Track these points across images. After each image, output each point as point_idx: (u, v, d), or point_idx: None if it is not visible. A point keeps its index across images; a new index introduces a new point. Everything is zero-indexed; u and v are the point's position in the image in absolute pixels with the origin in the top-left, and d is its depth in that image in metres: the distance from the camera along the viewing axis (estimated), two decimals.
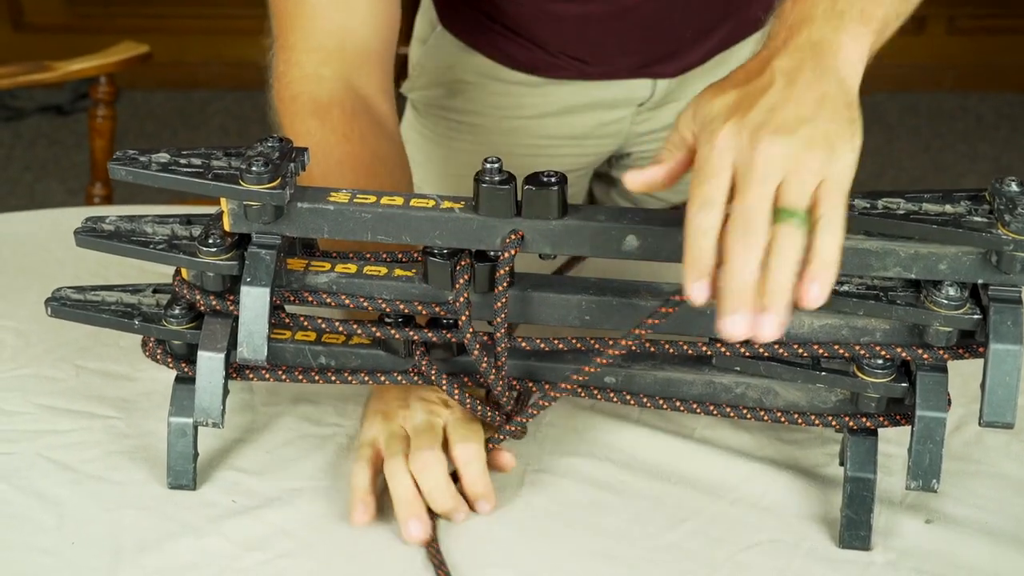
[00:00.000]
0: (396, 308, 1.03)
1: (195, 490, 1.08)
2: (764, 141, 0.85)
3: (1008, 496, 1.08)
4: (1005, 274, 0.96)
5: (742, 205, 0.85)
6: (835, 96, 0.88)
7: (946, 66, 3.59)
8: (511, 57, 1.48)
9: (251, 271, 1.01)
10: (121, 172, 1.02)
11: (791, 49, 0.89)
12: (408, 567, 1.01)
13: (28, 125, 3.42)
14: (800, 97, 0.87)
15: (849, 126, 0.88)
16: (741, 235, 0.85)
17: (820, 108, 0.87)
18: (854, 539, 1.02)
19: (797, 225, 0.85)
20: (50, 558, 1.02)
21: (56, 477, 1.09)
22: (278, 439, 1.14)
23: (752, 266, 0.85)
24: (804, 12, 0.91)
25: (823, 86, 0.88)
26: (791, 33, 0.90)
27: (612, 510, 1.06)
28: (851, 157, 0.87)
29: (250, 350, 1.02)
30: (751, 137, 0.86)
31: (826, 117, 0.87)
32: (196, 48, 3.58)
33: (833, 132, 0.86)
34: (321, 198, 1.02)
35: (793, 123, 0.86)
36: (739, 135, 0.86)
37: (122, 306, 1.09)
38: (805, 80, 0.88)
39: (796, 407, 1.05)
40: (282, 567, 1.01)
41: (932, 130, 3.46)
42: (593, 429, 1.14)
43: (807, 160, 0.85)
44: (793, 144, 0.85)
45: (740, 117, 0.86)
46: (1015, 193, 0.96)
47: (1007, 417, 0.96)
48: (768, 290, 0.86)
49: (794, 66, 0.88)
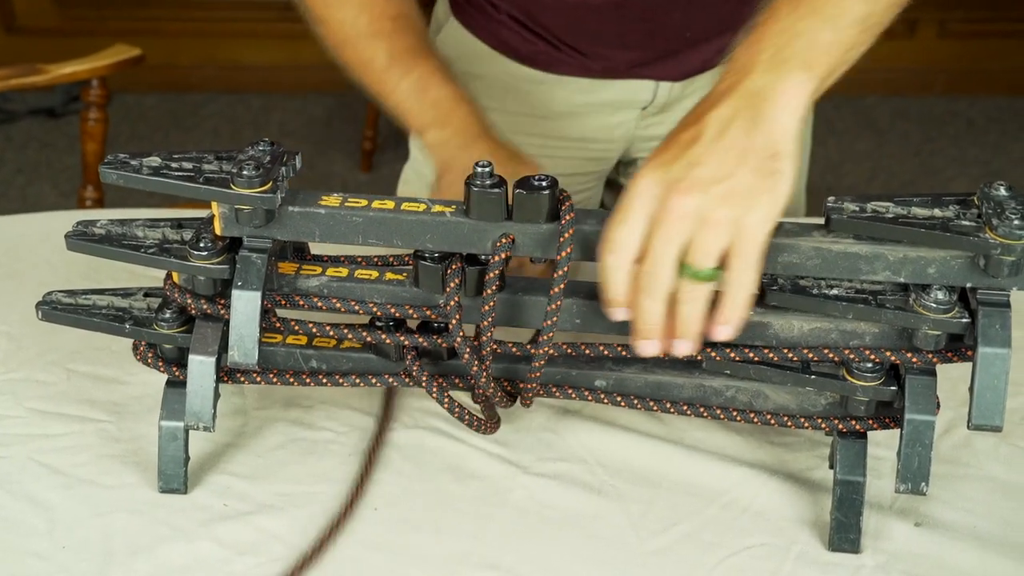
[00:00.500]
0: (387, 312, 1.03)
1: (186, 494, 1.08)
2: (675, 199, 0.90)
3: (997, 499, 1.09)
4: (993, 278, 0.96)
5: (646, 262, 0.92)
6: (760, 149, 0.91)
7: (937, 70, 3.60)
8: (514, 49, 1.49)
9: (242, 275, 1.01)
10: (112, 176, 1.02)
11: (731, 98, 0.93)
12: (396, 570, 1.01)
13: (20, 128, 3.42)
14: (722, 154, 0.90)
15: (769, 178, 0.91)
16: (644, 289, 0.93)
17: (740, 164, 0.90)
18: (844, 542, 1.03)
19: (703, 280, 0.92)
20: (41, 562, 1.02)
21: (47, 481, 1.09)
22: (270, 443, 1.14)
23: (654, 316, 0.93)
24: (751, 58, 0.94)
25: (750, 139, 0.91)
26: (737, 79, 0.94)
27: (603, 515, 1.07)
28: (768, 210, 0.91)
29: (241, 354, 1.02)
30: (666, 192, 0.90)
31: (745, 172, 0.90)
32: (188, 51, 3.58)
33: (750, 187, 0.90)
34: (312, 202, 1.02)
35: (708, 181, 0.90)
36: (657, 186, 0.90)
37: (113, 310, 1.09)
38: (732, 135, 0.91)
39: (786, 410, 1.05)
40: (273, 572, 1.01)
41: (922, 134, 3.46)
42: (583, 434, 1.15)
43: (716, 219, 0.90)
44: (704, 203, 0.89)
45: (663, 170, 0.91)
46: (1003, 197, 0.97)
47: (995, 420, 0.97)
48: (677, 326, 0.94)
49: (728, 117, 0.92)
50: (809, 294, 0.99)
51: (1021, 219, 0.94)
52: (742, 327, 0.96)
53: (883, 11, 0.98)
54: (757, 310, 1.01)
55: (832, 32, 0.95)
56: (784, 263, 0.98)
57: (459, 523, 1.05)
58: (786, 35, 0.94)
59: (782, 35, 0.94)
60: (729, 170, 0.90)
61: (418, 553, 1.03)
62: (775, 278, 1.00)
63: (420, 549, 1.03)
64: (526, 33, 1.47)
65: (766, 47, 0.94)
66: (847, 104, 3.52)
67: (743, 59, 0.95)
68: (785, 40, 0.94)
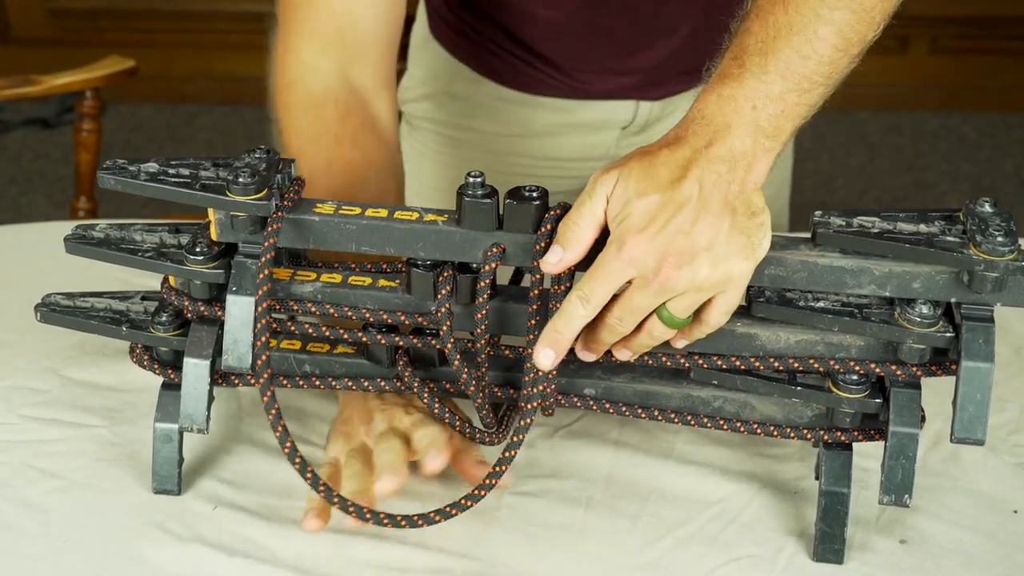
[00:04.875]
0: (379, 318, 1.04)
1: (180, 495, 1.09)
2: (670, 272, 0.93)
3: (983, 512, 1.09)
4: (977, 293, 0.97)
5: (622, 310, 0.96)
6: (742, 212, 0.94)
7: (929, 86, 3.61)
8: (493, 70, 1.49)
9: (237, 280, 1.03)
10: (110, 181, 1.03)
11: (711, 158, 0.94)
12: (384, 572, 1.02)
13: (13, 138, 3.42)
14: (707, 221, 0.93)
15: (755, 234, 0.95)
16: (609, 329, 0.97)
17: (729, 227, 0.94)
18: (828, 552, 1.03)
19: (676, 327, 0.97)
20: (37, 564, 1.02)
21: (43, 485, 1.10)
22: (264, 451, 1.15)
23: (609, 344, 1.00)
24: (727, 117, 0.96)
25: (733, 204, 0.94)
26: (714, 139, 0.95)
27: (592, 529, 1.07)
28: (751, 264, 0.95)
29: (235, 358, 1.03)
30: (657, 260, 0.93)
31: (734, 234, 0.94)
32: (183, 62, 3.59)
33: (738, 247, 0.94)
34: (307, 209, 1.03)
35: (700, 249, 0.93)
36: (648, 254, 0.93)
37: (110, 312, 1.10)
38: (716, 196, 0.94)
39: (772, 420, 1.06)
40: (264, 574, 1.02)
41: (914, 149, 3.48)
42: (572, 450, 1.15)
43: (705, 284, 0.94)
44: (696, 273, 0.93)
45: (654, 235, 0.93)
46: (988, 214, 0.97)
47: (978, 434, 0.97)
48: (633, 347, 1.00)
49: (713, 178, 0.94)
50: (796, 306, 1.00)
51: (1004, 236, 0.95)
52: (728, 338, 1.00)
53: (843, 69, 1.00)
54: (744, 321, 1.02)
55: (798, 95, 0.97)
56: (771, 275, 0.99)
57: (446, 542, 1.05)
58: (760, 96, 0.96)
59: (756, 95, 0.96)
60: (718, 235, 0.93)
61: (402, 567, 1.03)
62: (762, 290, 1.01)
63: (406, 562, 1.03)
64: (505, 54, 1.46)
65: (742, 107, 0.95)
66: (839, 119, 3.53)
67: (720, 117, 0.96)
68: (760, 102, 0.96)
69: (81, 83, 2.05)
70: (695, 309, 0.96)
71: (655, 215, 0.93)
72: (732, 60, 0.97)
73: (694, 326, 0.98)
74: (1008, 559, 1.05)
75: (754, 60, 0.96)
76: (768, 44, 0.96)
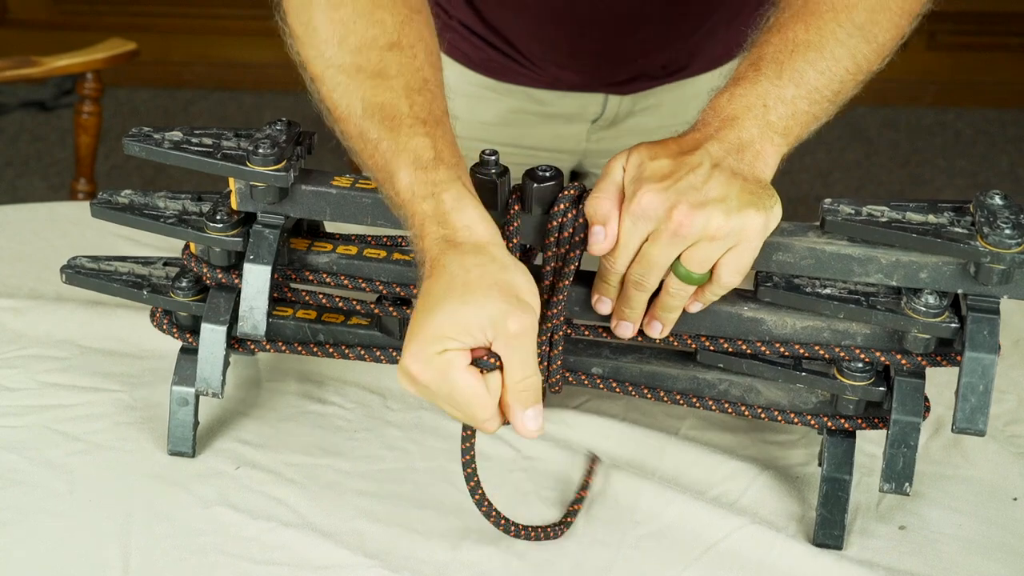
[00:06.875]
0: (392, 291, 1.06)
1: (194, 457, 1.11)
2: (683, 215, 0.94)
3: (983, 500, 1.10)
4: (983, 285, 0.98)
5: (643, 263, 0.98)
6: (750, 179, 0.96)
7: (926, 82, 3.62)
8: (466, 55, 1.49)
9: (254, 248, 1.05)
10: (135, 148, 1.05)
11: (721, 140, 0.97)
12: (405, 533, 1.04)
13: (10, 121, 3.42)
14: (722, 178, 0.95)
15: (760, 194, 0.96)
16: (636, 284, 0.99)
17: (739, 188, 0.95)
18: (828, 537, 1.04)
19: (694, 282, 0.98)
20: (64, 520, 1.04)
21: (66, 447, 1.11)
22: (281, 414, 1.17)
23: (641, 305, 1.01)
24: (737, 111, 0.99)
25: (743, 173, 0.96)
26: (723, 125, 0.98)
27: (596, 503, 1.08)
28: (764, 221, 0.96)
29: (250, 325, 1.05)
30: (669, 207, 0.95)
31: (744, 194, 0.95)
32: (181, 47, 3.58)
33: (749, 203, 0.95)
34: (324, 181, 1.05)
35: (714, 199, 0.94)
36: (661, 202, 0.95)
37: (133, 276, 1.12)
38: (727, 166, 0.96)
39: (777, 405, 1.07)
40: (286, 537, 1.03)
41: (911, 145, 3.48)
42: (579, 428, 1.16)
43: (719, 233, 0.95)
44: (709, 218, 0.94)
45: (666, 187, 0.95)
46: (998, 206, 0.98)
47: (979, 425, 0.98)
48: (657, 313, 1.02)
49: (721, 154, 0.97)
50: (802, 292, 1.01)
51: (1012, 228, 0.95)
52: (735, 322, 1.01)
53: (849, 92, 1.04)
54: (751, 306, 1.03)
55: (808, 104, 1.00)
56: (778, 261, 1.00)
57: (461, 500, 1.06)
58: (771, 97, 0.99)
59: (768, 95, 0.99)
60: (730, 191, 0.95)
61: (423, 528, 1.05)
62: (769, 275, 1.02)
63: (424, 524, 1.05)
64: (476, 40, 1.47)
65: (754, 104, 0.98)
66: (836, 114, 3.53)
67: (730, 110, 0.99)
68: (772, 102, 0.99)
69: (82, 65, 2.05)
70: (710, 266, 0.97)
71: (668, 172, 0.96)
72: (749, 66, 1.01)
73: (707, 286, 0.99)
74: (1007, 546, 1.06)
75: (770, 66, 1.00)
76: (785, 55, 1.00)
